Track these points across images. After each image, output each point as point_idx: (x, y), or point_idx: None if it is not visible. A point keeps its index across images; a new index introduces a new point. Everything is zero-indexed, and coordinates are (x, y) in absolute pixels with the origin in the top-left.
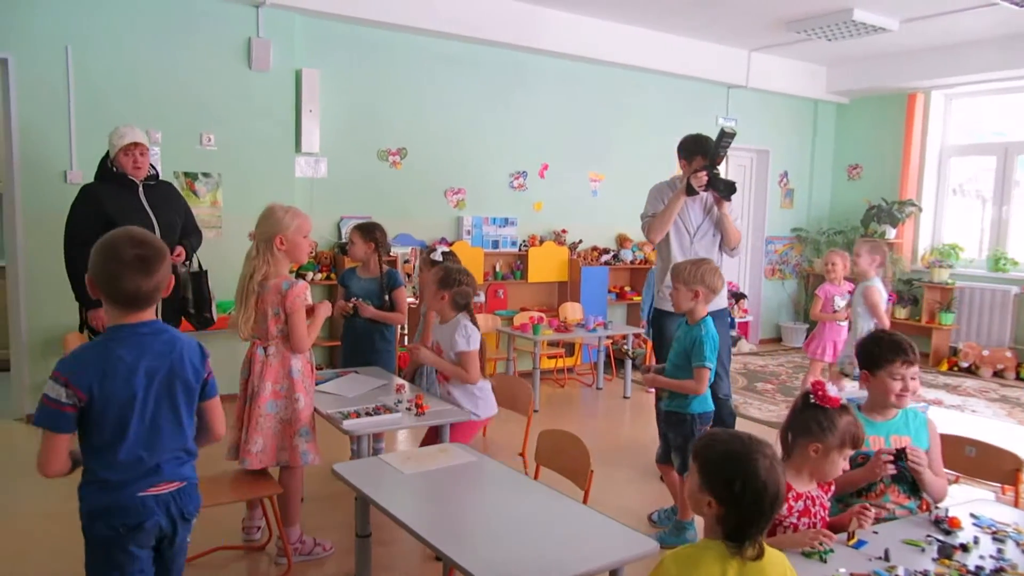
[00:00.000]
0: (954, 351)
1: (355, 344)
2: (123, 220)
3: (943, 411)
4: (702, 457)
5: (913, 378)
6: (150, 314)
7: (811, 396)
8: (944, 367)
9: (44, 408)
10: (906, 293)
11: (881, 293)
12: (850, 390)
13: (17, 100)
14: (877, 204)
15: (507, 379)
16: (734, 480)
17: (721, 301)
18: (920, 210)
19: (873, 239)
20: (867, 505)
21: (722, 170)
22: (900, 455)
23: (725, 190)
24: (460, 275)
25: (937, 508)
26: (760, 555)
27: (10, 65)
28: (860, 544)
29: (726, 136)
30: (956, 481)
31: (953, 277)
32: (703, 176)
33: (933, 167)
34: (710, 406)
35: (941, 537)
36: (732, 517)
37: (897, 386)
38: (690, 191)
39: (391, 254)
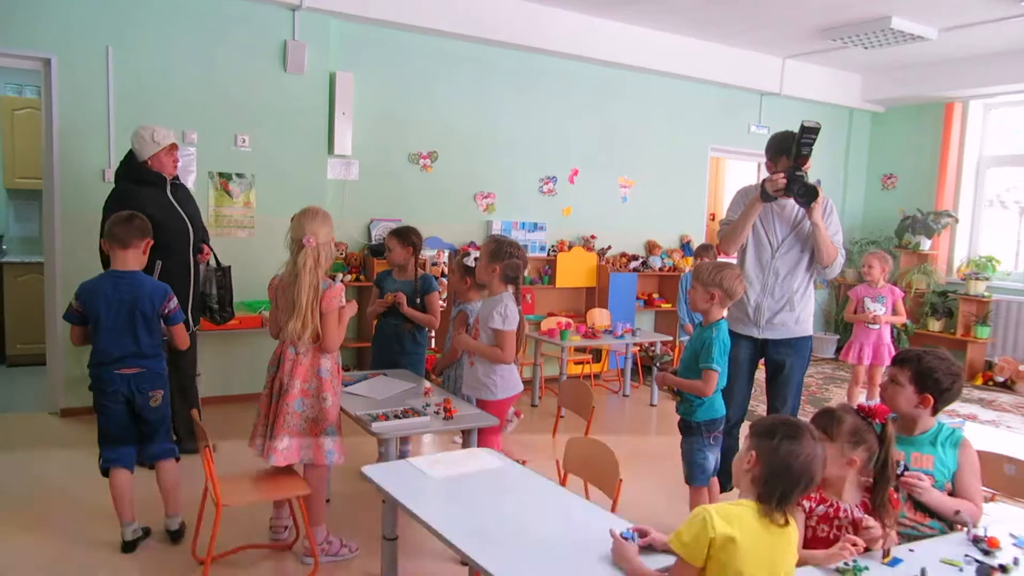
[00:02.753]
0: (989, 365)
1: (386, 346)
2: (161, 218)
3: (978, 427)
4: (759, 424)
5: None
6: (133, 265)
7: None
8: (979, 381)
9: (67, 309)
10: (940, 305)
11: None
12: None
13: (58, 99)
14: (912, 214)
15: (574, 383)
16: (775, 436)
17: (805, 329)
18: (956, 221)
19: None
20: (855, 540)
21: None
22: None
23: (804, 195)
24: (511, 247)
25: (975, 527)
26: (787, 524)
27: (53, 65)
28: (895, 562)
29: (807, 131)
30: (993, 499)
31: (989, 290)
32: (780, 179)
33: (970, 177)
34: (717, 413)
35: (980, 557)
36: (764, 474)
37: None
38: (765, 196)
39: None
